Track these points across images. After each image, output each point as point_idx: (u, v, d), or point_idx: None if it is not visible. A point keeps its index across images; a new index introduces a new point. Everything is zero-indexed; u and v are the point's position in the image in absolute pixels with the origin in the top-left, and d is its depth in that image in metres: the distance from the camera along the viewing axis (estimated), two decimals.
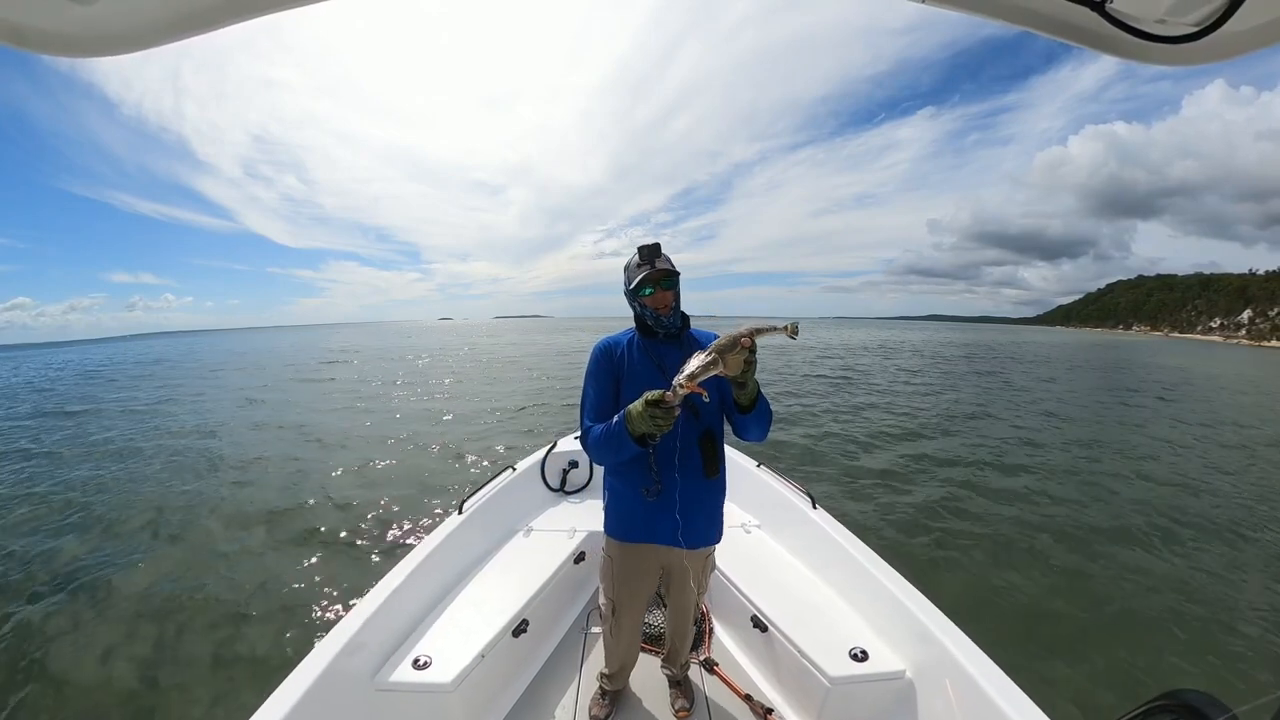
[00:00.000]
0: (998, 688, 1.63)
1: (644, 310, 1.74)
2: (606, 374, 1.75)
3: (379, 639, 2.05)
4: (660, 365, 1.71)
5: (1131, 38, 0.84)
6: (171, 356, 43.97)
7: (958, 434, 10.44)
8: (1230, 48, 0.80)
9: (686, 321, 1.80)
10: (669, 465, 1.70)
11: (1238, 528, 6.00)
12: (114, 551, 5.35)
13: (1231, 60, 0.80)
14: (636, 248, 1.73)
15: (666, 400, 1.42)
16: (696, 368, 1.36)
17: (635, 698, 2.29)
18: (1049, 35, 0.95)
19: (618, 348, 1.78)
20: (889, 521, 5.77)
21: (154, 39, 0.88)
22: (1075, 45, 0.95)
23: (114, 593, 4.51)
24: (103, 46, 0.88)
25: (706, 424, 1.73)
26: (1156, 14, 0.81)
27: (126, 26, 0.85)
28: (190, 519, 6.15)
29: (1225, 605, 4.32)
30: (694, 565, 1.88)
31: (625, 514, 1.82)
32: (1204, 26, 0.78)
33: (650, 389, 1.48)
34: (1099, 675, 3.44)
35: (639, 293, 1.71)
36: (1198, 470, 8.37)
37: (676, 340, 1.77)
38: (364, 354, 35.78)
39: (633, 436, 1.54)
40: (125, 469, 8.46)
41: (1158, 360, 39.35)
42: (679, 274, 1.73)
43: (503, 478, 3.26)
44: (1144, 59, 0.88)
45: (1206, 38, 0.78)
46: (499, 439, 9.64)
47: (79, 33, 0.84)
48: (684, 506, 1.72)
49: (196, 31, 0.89)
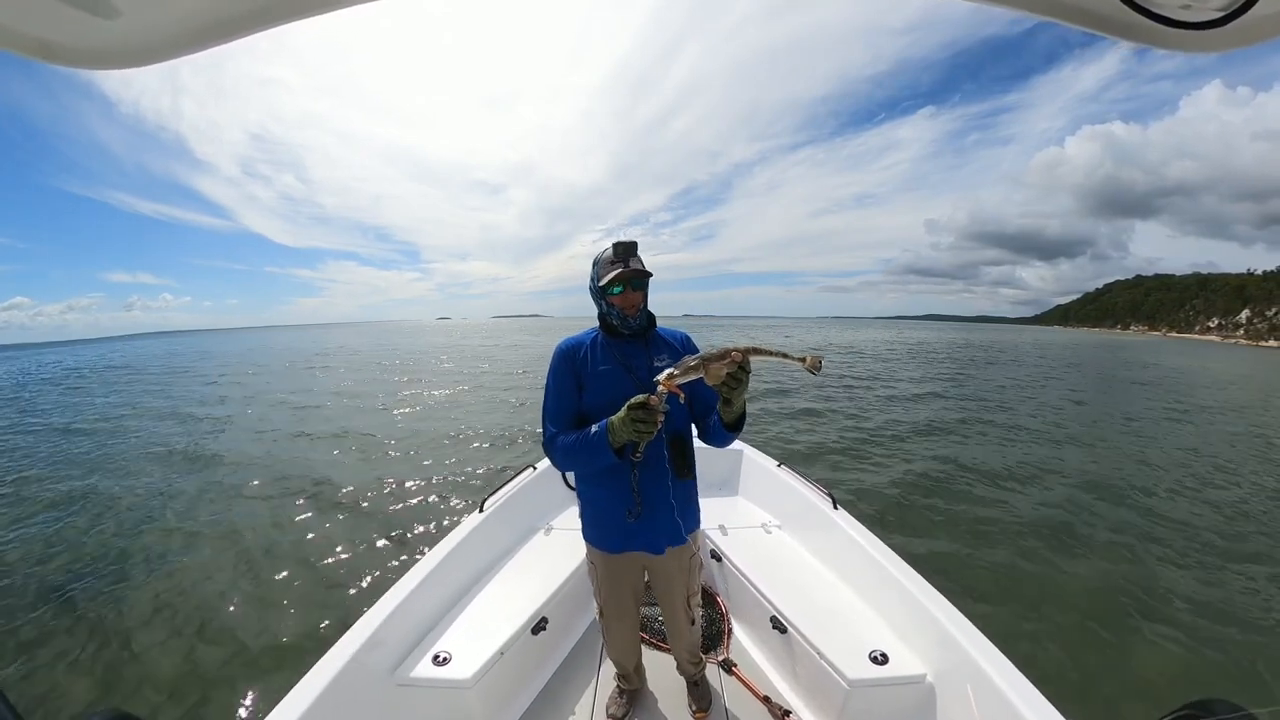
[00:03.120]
0: (1020, 693, 1.61)
1: (610, 310, 1.69)
2: (568, 376, 1.69)
3: (399, 635, 2.06)
4: (626, 365, 1.67)
5: (1155, 24, 0.84)
6: (182, 352, 44.54)
7: (977, 434, 10.40)
8: (1256, 33, 0.80)
9: (652, 320, 1.76)
10: (642, 472, 1.66)
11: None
12: (137, 549, 5.48)
13: (1257, 46, 0.81)
14: (612, 243, 1.67)
15: (650, 404, 1.40)
16: (679, 370, 1.35)
17: (653, 697, 2.29)
18: (1072, 24, 0.96)
19: (580, 348, 1.72)
20: (909, 523, 5.75)
21: (177, 50, 0.90)
22: (1099, 34, 0.95)
23: (141, 586, 4.68)
24: (127, 59, 0.90)
25: (675, 427, 1.70)
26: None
27: (150, 39, 0.88)
28: (203, 518, 6.25)
29: (1262, 609, 4.26)
30: (675, 565, 1.86)
31: (602, 525, 1.80)
32: (1229, 11, 0.78)
33: (615, 389, 1.44)
34: (1126, 681, 3.38)
35: (607, 291, 1.65)
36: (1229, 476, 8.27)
37: (642, 339, 1.74)
38: (407, 354, 36.09)
39: (613, 448, 1.50)
40: (151, 468, 8.67)
41: (1167, 361, 39.24)
42: (650, 275, 1.68)
43: (523, 476, 3.27)
44: (1168, 45, 0.89)
45: (1232, 23, 0.79)
46: (515, 439, 9.74)
47: (104, 46, 0.87)
48: (656, 511, 1.70)
49: (218, 41, 0.91)
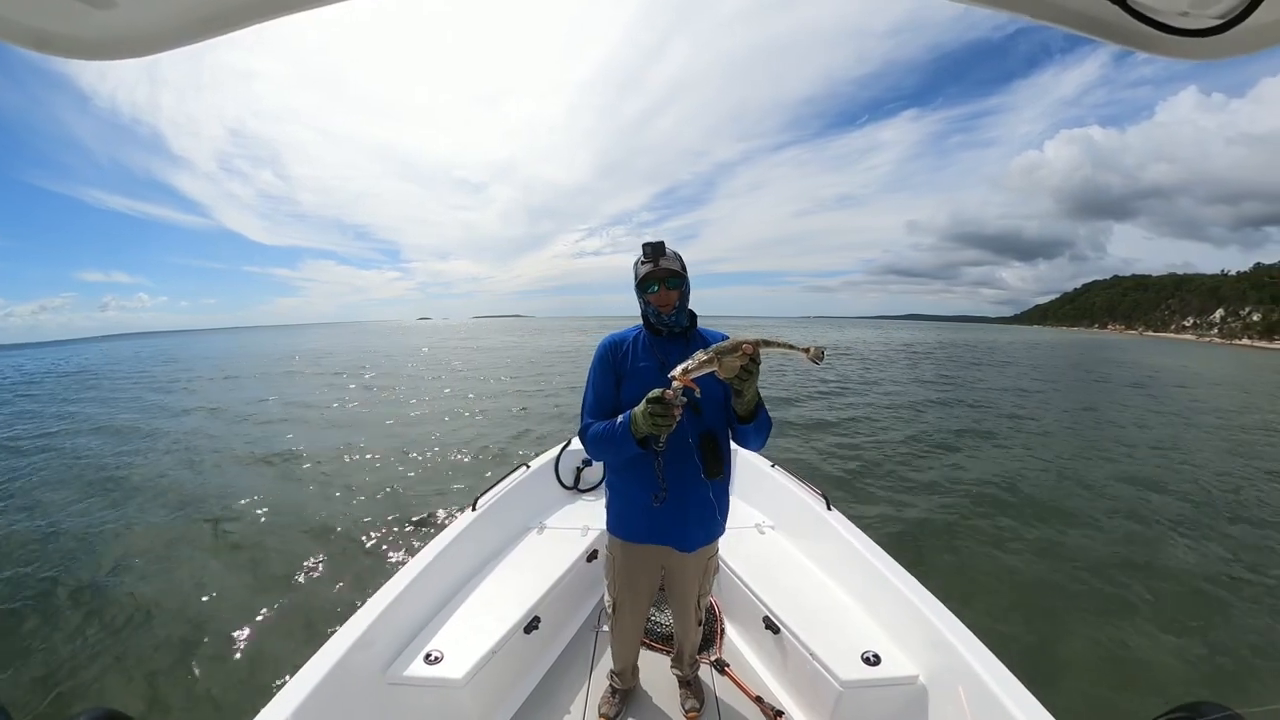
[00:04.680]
0: (1012, 695, 1.62)
1: (648, 307, 1.74)
2: (608, 370, 1.75)
3: (391, 633, 2.05)
4: (664, 362, 1.70)
5: (1154, 31, 0.85)
6: (151, 355, 42.73)
7: (967, 434, 10.56)
8: (1254, 41, 0.81)
9: (693, 320, 1.80)
10: (670, 466, 1.69)
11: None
12: (129, 548, 5.42)
13: (1256, 54, 0.82)
14: (641, 244, 1.72)
15: (666, 398, 1.43)
16: (692, 364, 1.39)
17: (646, 696, 2.29)
18: (1071, 29, 0.96)
19: (623, 344, 1.78)
20: (903, 523, 5.80)
21: (173, 41, 0.89)
22: (1097, 39, 0.96)
23: (132, 584, 4.64)
24: (122, 50, 0.88)
25: (708, 424, 1.71)
26: (1180, 6, 0.83)
27: (146, 30, 0.86)
28: (194, 516, 6.20)
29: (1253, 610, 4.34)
30: (695, 565, 1.89)
31: (628, 514, 1.82)
32: (1228, 19, 0.79)
33: (651, 386, 1.48)
34: (1120, 683, 3.44)
35: (644, 289, 1.72)
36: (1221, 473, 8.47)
37: (683, 338, 1.78)
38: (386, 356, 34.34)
39: (635, 439, 1.54)
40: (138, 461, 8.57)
41: (1147, 360, 40.06)
42: (685, 273, 1.73)
43: (516, 475, 3.25)
44: (1166, 53, 0.90)
45: (1230, 30, 0.80)
46: (511, 438, 9.71)
47: (99, 37, 0.85)
48: (684, 508, 1.72)
49: (215, 34, 0.90)
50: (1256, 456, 9.47)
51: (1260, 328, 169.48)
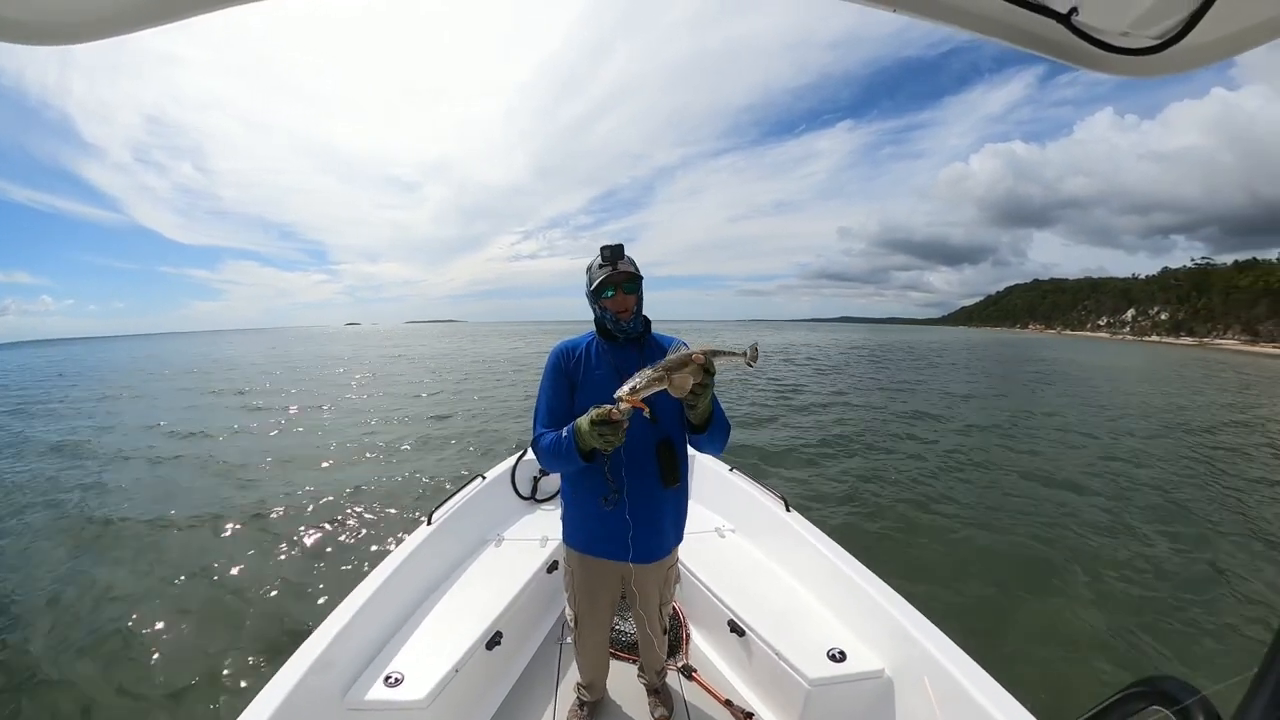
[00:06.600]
0: (975, 683, 1.67)
1: (604, 313, 1.70)
2: (561, 378, 1.71)
3: (349, 655, 1.95)
4: (619, 370, 1.66)
5: (1096, 49, 0.90)
6: (38, 365, 37.26)
7: (907, 431, 10.90)
8: (1190, 60, 0.87)
9: (648, 325, 1.77)
10: (628, 477, 1.67)
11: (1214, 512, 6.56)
12: (61, 568, 4.95)
13: (1189, 73, 0.88)
14: (599, 247, 1.69)
15: (612, 418, 1.39)
16: (640, 383, 1.34)
17: (614, 706, 2.25)
18: (1016, 46, 1.01)
19: (575, 351, 1.74)
20: (860, 519, 5.95)
21: (107, 29, 0.82)
22: (1041, 56, 1.01)
23: (69, 609, 4.22)
24: (50, 35, 0.80)
25: (665, 432, 1.68)
26: (1121, 27, 0.88)
27: (90, 14, 0.80)
28: (132, 534, 5.69)
29: (1204, 589, 4.62)
30: (655, 576, 1.87)
31: (583, 524, 1.79)
32: (1166, 40, 0.84)
33: (606, 394, 1.44)
34: (1077, 666, 3.59)
35: (600, 294, 1.67)
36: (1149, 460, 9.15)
37: (638, 344, 1.75)
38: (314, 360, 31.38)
39: (581, 451, 1.51)
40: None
41: (1070, 356, 42.85)
42: (642, 277, 1.71)
43: (472, 486, 3.15)
44: (1107, 70, 0.96)
45: (1168, 50, 0.86)
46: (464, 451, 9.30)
47: (43, 20, 0.78)
48: (639, 518, 1.69)
49: (152, 24, 0.83)
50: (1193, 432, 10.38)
51: (1168, 325, 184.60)
